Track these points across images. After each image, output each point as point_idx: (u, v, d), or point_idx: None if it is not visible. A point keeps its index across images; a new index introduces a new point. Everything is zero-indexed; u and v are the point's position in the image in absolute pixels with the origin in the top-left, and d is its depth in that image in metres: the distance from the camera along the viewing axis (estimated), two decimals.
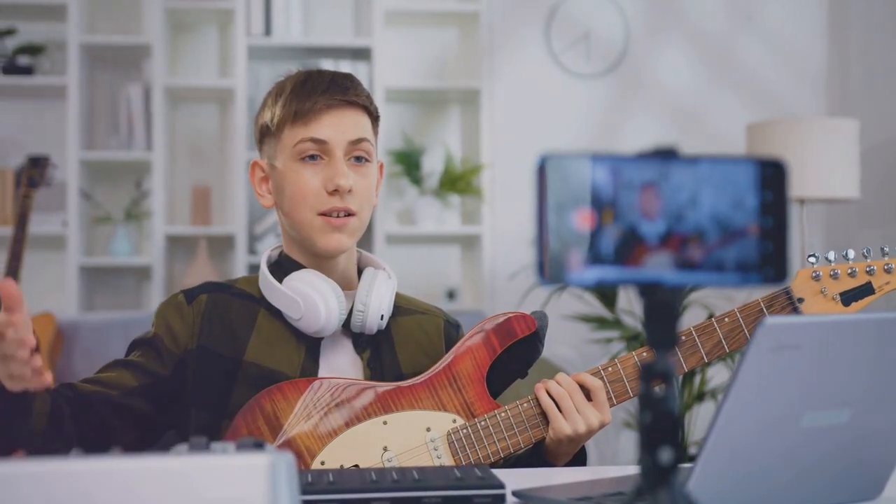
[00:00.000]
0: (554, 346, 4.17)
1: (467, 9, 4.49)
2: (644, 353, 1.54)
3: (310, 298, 1.56)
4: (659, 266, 0.76)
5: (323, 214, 1.59)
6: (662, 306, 0.77)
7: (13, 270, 3.62)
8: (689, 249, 0.76)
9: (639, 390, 0.79)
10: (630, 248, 0.76)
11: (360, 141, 1.61)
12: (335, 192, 1.58)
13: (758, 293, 1.53)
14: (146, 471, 0.87)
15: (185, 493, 0.86)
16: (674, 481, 0.78)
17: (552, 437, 1.53)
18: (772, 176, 0.77)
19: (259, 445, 0.92)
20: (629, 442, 4.23)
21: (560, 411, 1.52)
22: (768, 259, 0.77)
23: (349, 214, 1.59)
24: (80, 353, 3.77)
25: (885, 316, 1.03)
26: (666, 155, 0.76)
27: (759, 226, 0.77)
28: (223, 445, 0.93)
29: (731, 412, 1.00)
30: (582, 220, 0.75)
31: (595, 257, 0.75)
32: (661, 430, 0.78)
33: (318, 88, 1.59)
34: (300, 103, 1.58)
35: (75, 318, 3.86)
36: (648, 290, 0.77)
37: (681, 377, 3.88)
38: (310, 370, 1.59)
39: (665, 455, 0.78)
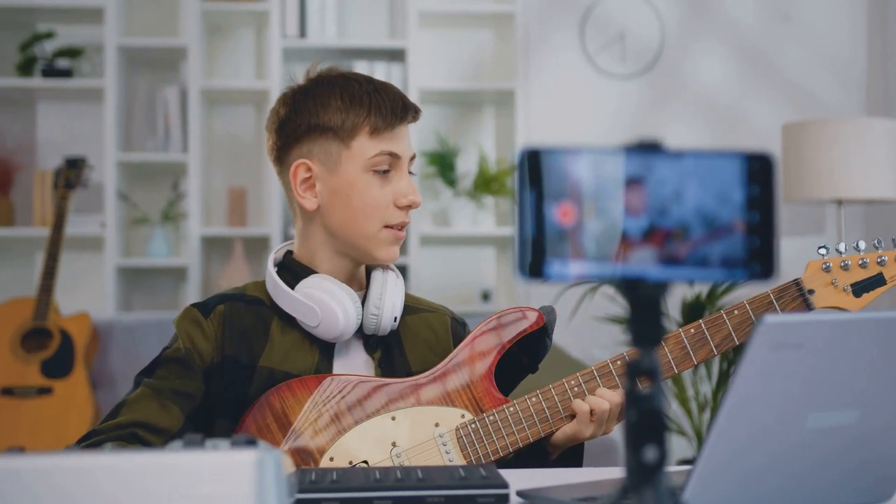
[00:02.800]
0: (587, 348, 4.15)
1: (502, 10, 4.48)
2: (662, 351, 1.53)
3: (327, 305, 1.56)
4: (642, 261, 0.75)
5: (388, 227, 1.60)
6: (646, 302, 0.76)
7: (49, 271, 3.67)
8: (673, 244, 0.75)
9: (626, 387, 0.78)
10: (612, 242, 0.75)
11: (415, 156, 1.65)
12: (407, 207, 1.60)
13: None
14: (136, 466, 0.87)
15: (174, 488, 0.86)
16: (659, 480, 0.77)
17: (567, 433, 1.54)
18: (759, 170, 0.76)
19: (252, 442, 0.92)
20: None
21: (592, 417, 1.52)
22: (755, 255, 0.76)
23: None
24: (117, 353, 3.80)
25: (890, 315, 1.01)
26: (649, 148, 0.75)
27: (746, 221, 0.75)
28: (216, 442, 0.93)
29: (732, 412, 0.99)
30: (563, 214, 0.74)
31: (577, 252, 0.74)
32: (647, 428, 0.77)
33: (396, 105, 1.59)
34: (381, 117, 1.58)
35: (111, 318, 3.90)
36: (631, 286, 0.76)
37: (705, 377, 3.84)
38: (325, 372, 1.58)
39: (650, 453, 0.77)
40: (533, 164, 0.74)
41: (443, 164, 4.47)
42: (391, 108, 1.58)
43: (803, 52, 4.72)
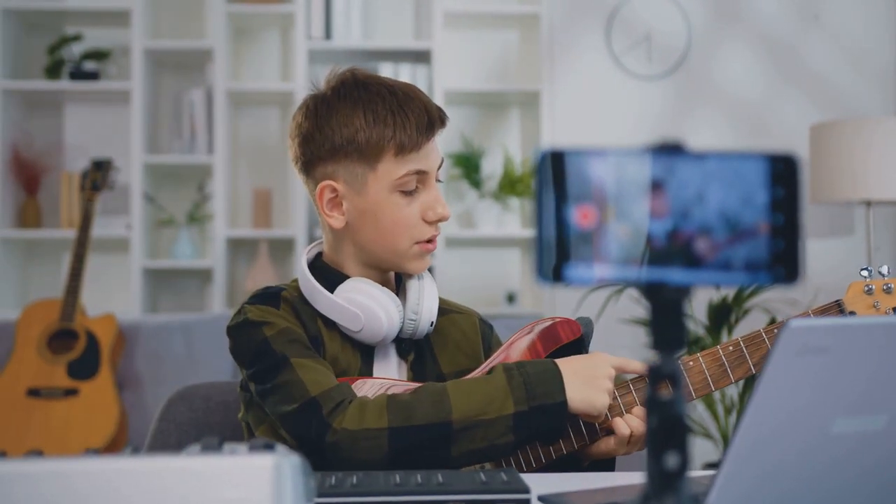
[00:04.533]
0: (614, 351, 4.13)
1: (527, 11, 4.46)
2: (691, 362, 1.50)
3: (371, 310, 1.52)
4: (664, 264, 0.73)
5: (418, 242, 1.56)
6: (668, 306, 0.75)
7: (76, 272, 3.68)
8: (695, 247, 0.74)
9: (646, 395, 0.77)
10: (633, 245, 0.73)
11: (442, 162, 1.60)
12: (436, 221, 1.56)
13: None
14: (153, 471, 0.87)
15: (191, 493, 0.86)
16: (681, 487, 0.76)
17: (602, 449, 1.52)
18: (783, 171, 0.74)
19: (269, 447, 0.91)
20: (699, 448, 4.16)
21: (630, 439, 1.50)
22: (779, 258, 0.74)
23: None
24: (143, 354, 3.81)
25: None
26: (672, 149, 0.74)
27: (770, 223, 0.74)
28: (233, 446, 0.92)
29: (756, 418, 0.97)
30: (584, 216, 0.73)
31: (598, 255, 0.73)
32: (668, 434, 0.76)
33: (421, 121, 1.54)
34: (407, 135, 1.52)
35: (137, 319, 3.91)
36: (653, 290, 0.74)
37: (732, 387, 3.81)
38: (365, 375, 1.57)
39: (672, 460, 0.75)
40: (553, 165, 0.73)
41: (468, 165, 4.46)
42: (416, 125, 1.53)
43: (831, 52, 4.68)
